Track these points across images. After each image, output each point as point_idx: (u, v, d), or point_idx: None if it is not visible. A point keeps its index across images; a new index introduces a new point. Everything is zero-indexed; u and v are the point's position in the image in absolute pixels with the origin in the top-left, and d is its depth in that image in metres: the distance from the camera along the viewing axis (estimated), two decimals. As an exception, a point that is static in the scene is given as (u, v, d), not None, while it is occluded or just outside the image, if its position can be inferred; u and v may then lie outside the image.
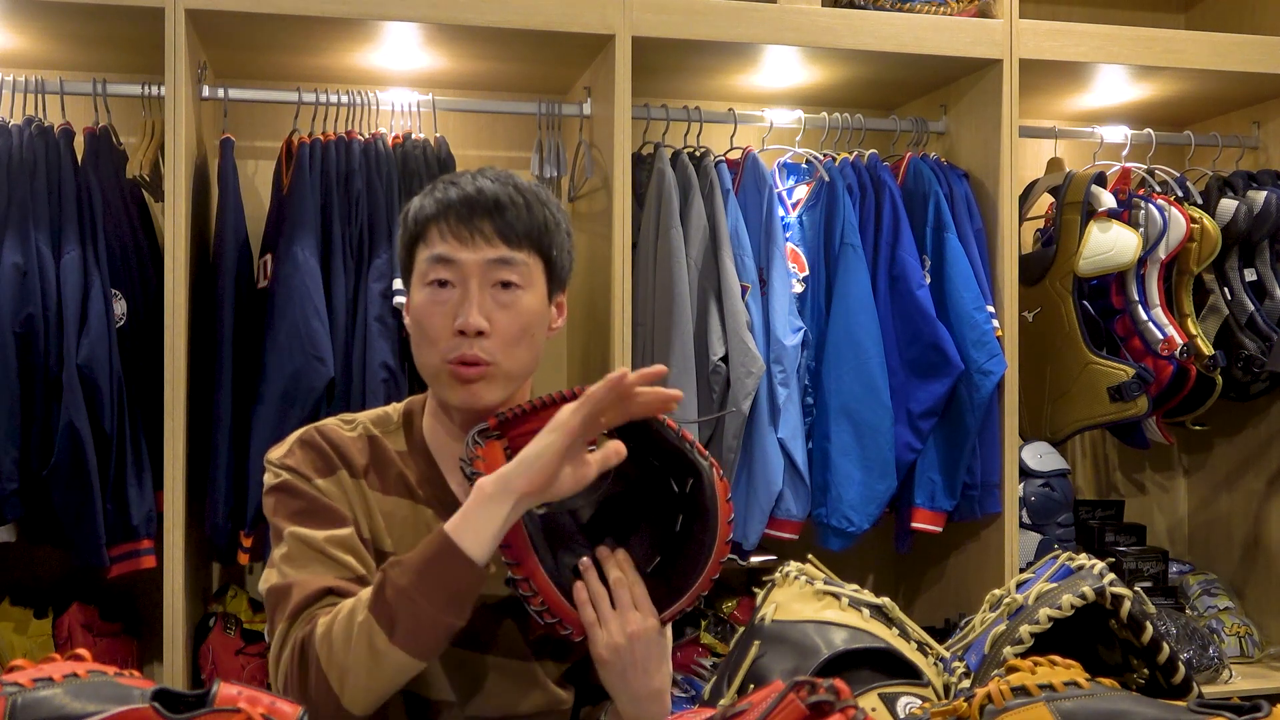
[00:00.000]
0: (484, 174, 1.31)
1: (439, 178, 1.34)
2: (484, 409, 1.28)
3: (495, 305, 1.28)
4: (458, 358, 1.27)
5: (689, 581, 1.21)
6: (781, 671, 1.15)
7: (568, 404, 1.16)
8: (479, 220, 1.27)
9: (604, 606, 1.20)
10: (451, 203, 1.28)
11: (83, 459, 2.11)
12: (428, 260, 1.29)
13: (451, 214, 1.28)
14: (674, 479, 1.23)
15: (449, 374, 1.28)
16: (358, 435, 1.35)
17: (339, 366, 2.22)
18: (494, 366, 1.28)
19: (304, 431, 1.34)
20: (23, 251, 2.13)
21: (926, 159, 2.59)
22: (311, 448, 1.31)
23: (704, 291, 2.39)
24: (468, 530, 1.14)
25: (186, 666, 2.20)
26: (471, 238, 1.27)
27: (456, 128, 2.60)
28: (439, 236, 1.28)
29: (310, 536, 1.24)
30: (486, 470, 1.17)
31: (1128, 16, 2.99)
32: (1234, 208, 2.68)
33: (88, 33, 2.29)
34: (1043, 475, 2.66)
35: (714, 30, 2.33)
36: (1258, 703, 0.78)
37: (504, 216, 1.28)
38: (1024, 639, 1.14)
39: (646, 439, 1.23)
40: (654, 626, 1.21)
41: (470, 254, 1.27)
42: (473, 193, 1.28)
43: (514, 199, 1.29)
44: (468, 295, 1.27)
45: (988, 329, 2.47)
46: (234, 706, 0.75)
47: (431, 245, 1.28)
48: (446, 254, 1.27)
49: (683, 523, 1.23)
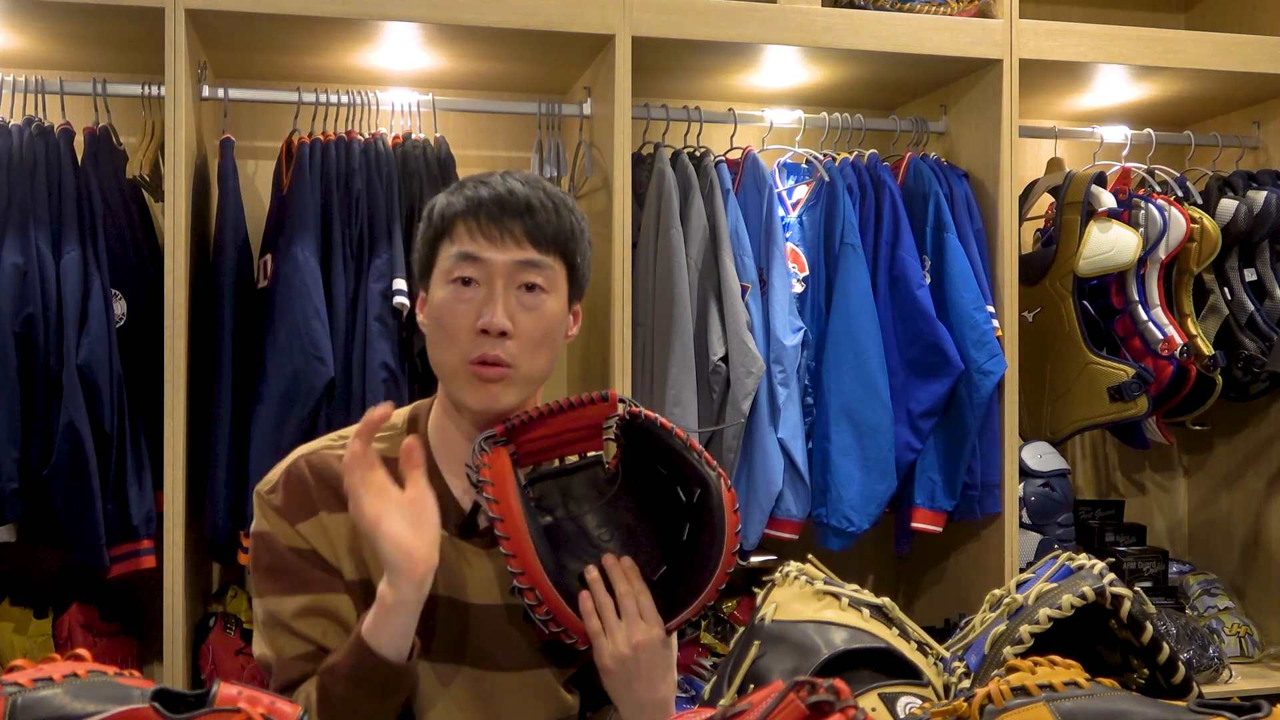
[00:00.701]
0: (513, 176, 1.30)
1: (467, 177, 1.33)
2: (501, 411, 1.28)
3: (519, 307, 1.27)
4: (479, 357, 1.25)
5: (694, 592, 1.21)
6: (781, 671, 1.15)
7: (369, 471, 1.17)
8: (509, 221, 1.26)
9: (609, 616, 1.20)
10: (483, 201, 1.27)
11: (83, 459, 2.11)
12: (454, 257, 1.27)
13: (482, 212, 1.26)
14: (681, 488, 1.23)
15: (469, 374, 1.26)
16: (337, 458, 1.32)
17: (339, 366, 2.22)
18: (514, 369, 1.26)
19: (293, 462, 1.33)
20: (23, 251, 2.13)
21: (926, 159, 2.59)
22: (296, 486, 1.31)
23: (704, 291, 2.39)
24: (381, 635, 1.18)
25: (186, 666, 2.20)
26: (501, 238, 1.26)
27: (456, 128, 2.60)
28: (467, 234, 1.27)
29: (277, 610, 1.28)
30: (493, 478, 1.17)
31: (1128, 16, 2.99)
32: (1234, 208, 2.68)
33: (88, 33, 2.29)
34: (1043, 475, 2.66)
35: (714, 30, 2.33)
36: (1258, 703, 0.78)
37: (534, 219, 1.27)
38: (1024, 639, 1.14)
39: (654, 447, 1.22)
40: (659, 636, 1.21)
41: (499, 254, 1.26)
42: (504, 193, 1.27)
43: (544, 203, 1.28)
44: (493, 295, 1.25)
45: (988, 329, 2.47)
46: (234, 706, 0.75)
47: (459, 242, 1.27)
48: (475, 252, 1.26)
49: (689, 532, 1.22)
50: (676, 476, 1.23)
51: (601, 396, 1.25)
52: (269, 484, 1.33)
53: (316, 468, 1.32)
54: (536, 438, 1.24)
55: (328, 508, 1.30)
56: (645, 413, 1.24)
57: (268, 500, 1.31)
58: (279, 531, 1.29)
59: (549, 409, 1.24)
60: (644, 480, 1.26)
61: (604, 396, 1.25)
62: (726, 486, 1.20)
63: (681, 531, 1.23)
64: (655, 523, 1.26)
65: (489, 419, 1.28)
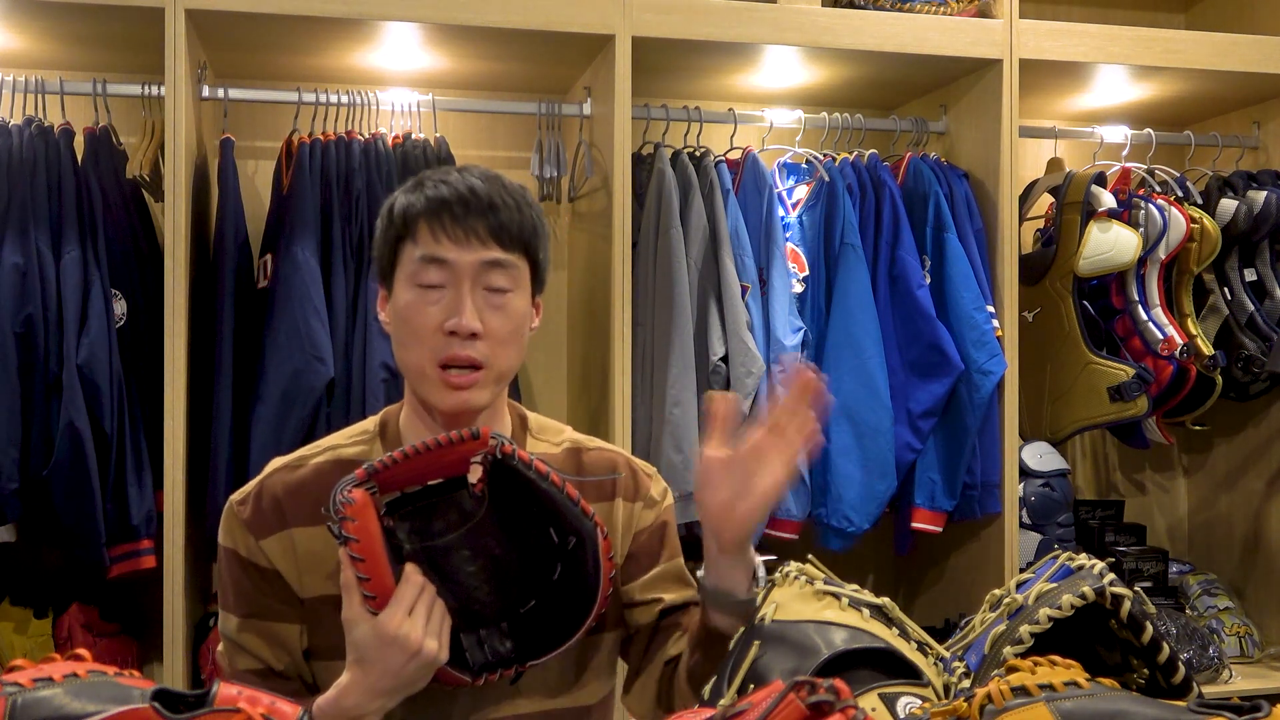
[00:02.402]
0: (470, 172, 1.28)
1: (424, 173, 1.31)
2: (474, 410, 1.27)
3: (487, 306, 1.25)
4: (448, 358, 1.24)
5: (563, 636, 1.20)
6: (781, 671, 1.14)
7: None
8: (473, 220, 1.24)
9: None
10: (445, 200, 1.25)
11: (83, 459, 2.11)
12: (419, 260, 1.25)
13: (445, 213, 1.24)
14: (554, 528, 1.18)
15: (437, 376, 1.25)
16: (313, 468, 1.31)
17: (339, 366, 2.22)
18: (486, 369, 1.25)
19: (269, 474, 1.32)
20: (23, 251, 2.13)
21: (926, 159, 2.59)
22: (268, 500, 1.29)
23: (704, 291, 2.39)
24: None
25: (186, 666, 2.20)
26: (466, 238, 1.24)
27: (456, 128, 2.60)
28: (431, 236, 1.24)
29: (226, 626, 1.29)
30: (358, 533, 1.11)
31: (1128, 16, 2.99)
32: (1234, 208, 2.68)
33: (88, 33, 2.29)
34: (1043, 475, 2.66)
35: (714, 30, 2.33)
36: (1258, 703, 0.78)
37: (498, 217, 1.25)
38: (1024, 639, 1.14)
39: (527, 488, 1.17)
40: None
41: (465, 255, 1.24)
42: (466, 192, 1.25)
43: (505, 200, 1.26)
44: (460, 296, 1.24)
45: (988, 329, 2.47)
46: (234, 706, 0.75)
47: (423, 244, 1.25)
48: (440, 254, 1.24)
49: (561, 573, 1.18)
50: (549, 518, 1.18)
51: (473, 434, 1.15)
52: (242, 495, 1.32)
53: (293, 482, 1.30)
54: (402, 479, 1.17)
55: (299, 522, 1.28)
56: (520, 453, 1.16)
57: (236, 513, 1.30)
58: (242, 546, 1.29)
59: (414, 450, 1.15)
60: (513, 510, 1.20)
61: (475, 434, 1.15)
62: (603, 534, 1.17)
63: (553, 571, 1.19)
64: (523, 555, 1.20)
65: (461, 417, 1.27)
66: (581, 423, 2.53)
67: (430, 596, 1.15)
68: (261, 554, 1.28)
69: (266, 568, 1.28)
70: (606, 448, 1.42)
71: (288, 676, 1.28)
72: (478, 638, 1.20)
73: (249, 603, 1.28)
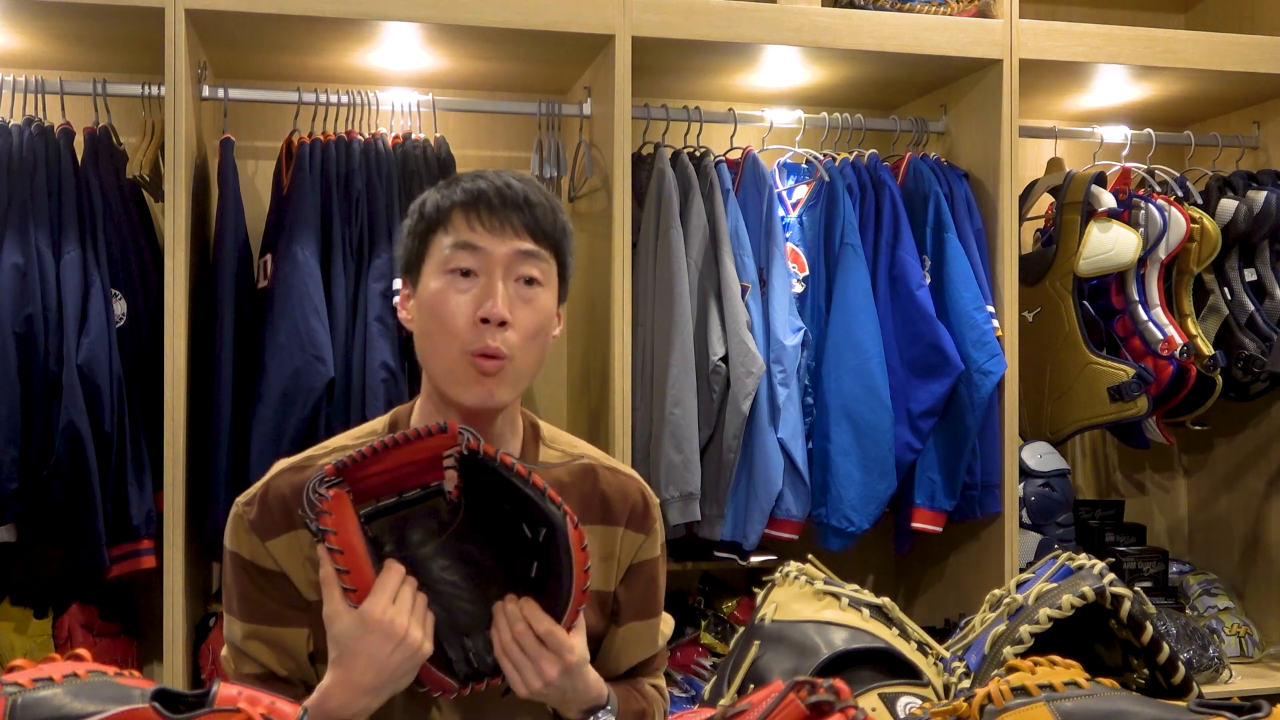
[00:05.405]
0: (506, 174, 1.30)
1: (459, 173, 1.32)
2: (496, 407, 1.26)
3: (517, 299, 1.25)
4: (480, 349, 1.23)
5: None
6: (781, 671, 1.15)
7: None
8: (509, 212, 1.25)
9: (516, 656, 1.17)
10: (483, 193, 1.26)
11: (83, 459, 2.11)
12: (451, 246, 1.25)
13: (482, 204, 1.25)
14: (526, 524, 1.17)
15: (467, 365, 1.23)
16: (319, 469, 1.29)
17: (339, 366, 2.22)
18: (511, 361, 1.24)
19: (275, 475, 1.31)
20: (23, 251, 2.13)
21: (926, 159, 2.59)
22: (274, 501, 1.28)
23: (704, 291, 2.39)
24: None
25: (186, 666, 2.20)
26: (501, 228, 1.25)
27: (456, 128, 2.60)
28: (465, 224, 1.25)
29: (231, 632, 1.29)
30: (335, 526, 1.12)
31: (1128, 16, 2.99)
32: (1234, 208, 2.68)
33: (88, 33, 2.29)
34: (1043, 475, 2.66)
35: (714, 30, 2.33)
36: (1258, 703, 0.78)
37: (533, 212, 1.26)
38: (1024, 639, 1.14)
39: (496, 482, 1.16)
40: (571, 664, 1.18)
41: (499, 244, 1.25)
42: (502, 186, 1.27)
43: (540, 199, 1.28)
44: (493, 283, 1.24)
45: (988, 329, 2.47)
46: (234, 706, 0.75)
47: (457, 232, 1.25)
48: (474, 241, 1.25)
49: (538, 570, 1.18)
50: (521, 513, 1.17)
51: (440, 427, 1.15)
52: (248, 497, 1.31)
53: (299, 483, 1.28)
54: (373, 474, 1.16)
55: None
56: (485, 447, 1.16)
57: (243, 515, 1.29)
58: (248, 549, 1.28)
59: (384, 444, 1.15)
60: (488, 512, 1.19)
61: (442, 427, 1.15)
62: (573, 524, 1.15)
63: (529, 568, 1.18)
64: (502, 556, 1.20)
65: (481, 416, 1.27)
66: (581, 423, 2.53)
67: (413, 586, 1.16)
68: (268, 556, 1.27)
69: (273, 570, 1.27)
70: (621, 470, 1.41)
71: (292, 682, 1.28)
72: (463, 647, 1.19)
73: (254, 608, 1.28)
